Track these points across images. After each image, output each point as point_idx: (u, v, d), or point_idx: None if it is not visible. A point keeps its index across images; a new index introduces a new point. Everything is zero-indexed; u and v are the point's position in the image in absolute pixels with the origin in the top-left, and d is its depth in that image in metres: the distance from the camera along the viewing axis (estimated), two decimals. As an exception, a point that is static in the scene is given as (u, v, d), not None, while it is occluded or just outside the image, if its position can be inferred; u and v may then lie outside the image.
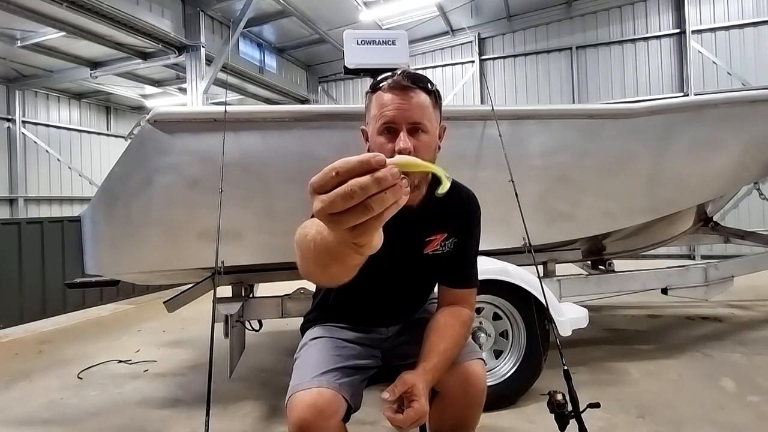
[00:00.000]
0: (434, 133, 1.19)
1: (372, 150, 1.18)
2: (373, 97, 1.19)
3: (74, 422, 2.48)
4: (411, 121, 1.13)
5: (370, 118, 1.20)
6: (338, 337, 1.37)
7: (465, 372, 1.25)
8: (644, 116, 2.72)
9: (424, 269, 1.33)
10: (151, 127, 2.20)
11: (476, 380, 1.26)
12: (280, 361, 3.30)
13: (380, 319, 1.44)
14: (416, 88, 1.15)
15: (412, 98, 1.14)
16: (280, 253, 2.28)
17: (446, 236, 1.30)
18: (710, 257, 7.01)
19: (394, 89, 1.14)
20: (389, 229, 0.73)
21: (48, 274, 4.94)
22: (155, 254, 2.30)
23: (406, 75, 1.16)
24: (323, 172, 0.55)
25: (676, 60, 8.27)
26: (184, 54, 7.20)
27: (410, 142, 1.11)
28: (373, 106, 1.18)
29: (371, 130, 1.19)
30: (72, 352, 3.72)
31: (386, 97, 1.14)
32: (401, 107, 1.13)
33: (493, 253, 2.56)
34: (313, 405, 1.08)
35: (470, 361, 1.27)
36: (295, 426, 1.07)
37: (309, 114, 2.39)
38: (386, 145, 1.13)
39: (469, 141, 2.47)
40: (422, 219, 1.25)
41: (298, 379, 1.17)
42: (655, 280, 2.97)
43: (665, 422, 2.19)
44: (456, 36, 9.58)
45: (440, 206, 1.24)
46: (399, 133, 1.12)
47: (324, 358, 1.24)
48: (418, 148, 1.12)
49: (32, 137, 9.70)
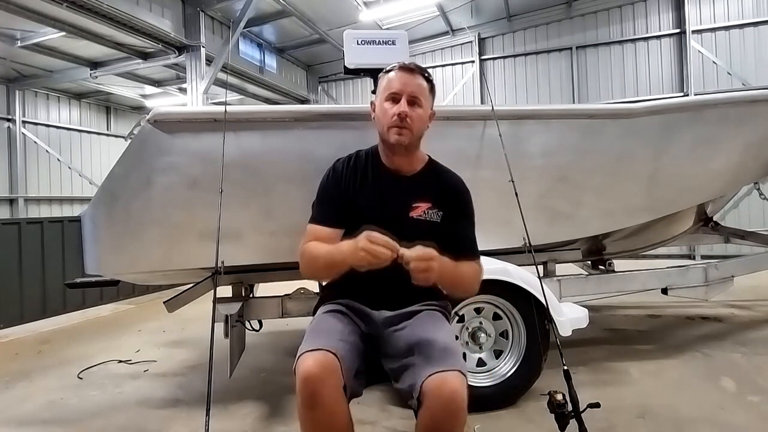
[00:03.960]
0: (426, 111, 1.53)
1: (378, 116, 1.53)
2: (386, 76, 1.54)
3: (74, 422, 2.48)
4: (411, 94, 1.48)
5: (379, 92, 1.55)
6: (346, 312, 1.49)
7: (438, 382, 1.21)
8: (644, 116, 2.71)
9: (411, 233, 1.42)
10: (151, 127, 2.19)
11: (449, 392, 1.20)
12: (280, 361, 3.30)
13: (381, 296, 1.50)
14: (418, 73, 1.52)
15: (415, 78, 1.50)
16: (280, 253, 2.28)
17: (430, 206, 1.52)
18: (710, 257, 7.00)
19: (402, 69, 1.51)
20: (388, 188, 1.52)
21: (48, 274, 4.95)
22: (155, 254, 2.29)
23: (413, 63, 1.55)
24: (383, 242, 1.26)
25: (676, 60, 8.27)
26: (184, 54, 7.20)
27: (407, 108, 1.46)
28: (384, 82, 1.53)
29: (379, 100, 1.53)
30: (72, 352, 3.72)
31: (395, 75, 1.51)
32: (406, 82, 1.49)
33: (493, 253, 2.56)
34: (317, 362, 1.22)
35: (442, 372, 1.22)
36: (301, 378, 1.21)
37: (309, 114, 2.39)
38: (390, 109, 1.47)
39: (469, 141, 2.47)
40: (411, 186, 1.54)
41: (306, 343, 1.30)
42: (655, 280, 2.97)
43: (665, 422, 2.19)
44: (456, 36, 9.58)
45: (428, 180, 1.56)
46: (400, 99, 1.47)
47: (331, 327, 1.39)
48: (412, 116, 1.46)
49: (32, 137, 9.71)
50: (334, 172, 1.59)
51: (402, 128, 1.45)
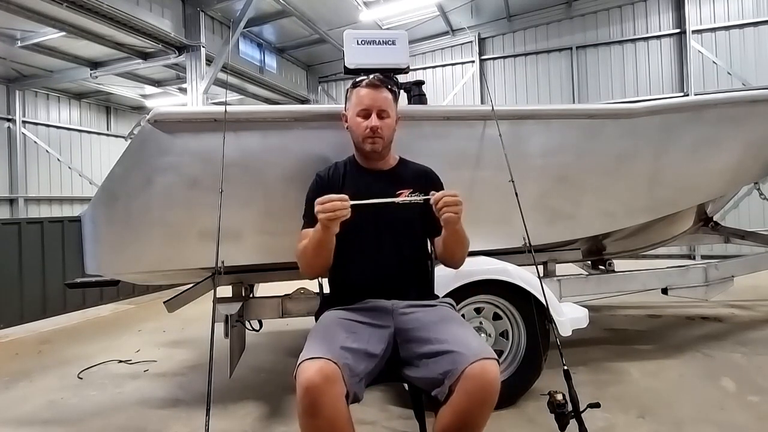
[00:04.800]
0: (393, 119, 1.73)
1: (351, 127, 1.73)
2: (354, 91, 1.73)
3: (74, 422, 2.48)
4: (380, 108, 1.68)
5: (350, 106, 1.74)
6: (349, 318, 1.51)
7: (480, 370, 1.27)
8: (644, 116, 2.71)
9: (399, 215, 1.65)
10: (151, 127, 2.19)
11: (490, 380, 1.28)
12: (280, 361, 3.30)
13: (381, 287, 1.60)
14: (384, 87, 1.70)
15: (381, 93, 1.69)
16: (280, 253, 2.28)
17: (412, 191, 1.67)
18: (710, 257, 7.01)
19: (370, 86, 1.69)
20: (371, 183, 1.71)
21: (48, 274, 4.94)
22: (155, 254, 2.29)
23: (377, 78, 1.71)
24: (328, 198, 1.37)
25: (676, 60, 8.27)
26: (184, 54, 7.20)
27: (377, 122, 1.65)
28: (354, 97, 1.72)
29: (351, 114, 1.72)
30: (72, 352, 3.72)
31: (364, 92, 1.70)
32: (374, 98, 1.68)
33: (493, 253, 2.56)
34: (319, 370, 1.23)
35: (484, 360, 1.29)
36: (302, 387, 1.22)
37: (309, 114, 2.38)
38: (362, 123, 1.67)
39: (469, 141, 2.47)
40: (392, 177, 1.74)
41: (307, 351, 1.32)
42: (655, 280, 2.97)
43: (665, 422, 2.19)
44: (456, 36, 9.57)
45: (404, 172, 1.76)
46: (370, 114, 1.67)
47: (333, 335, 1.41)
48: (382, 127, 1.66)
49: (32, 137, 9.70)
50: (318, 179, 1.76)
51: (375, 138, 1.66)
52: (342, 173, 1.75)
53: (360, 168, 1.76)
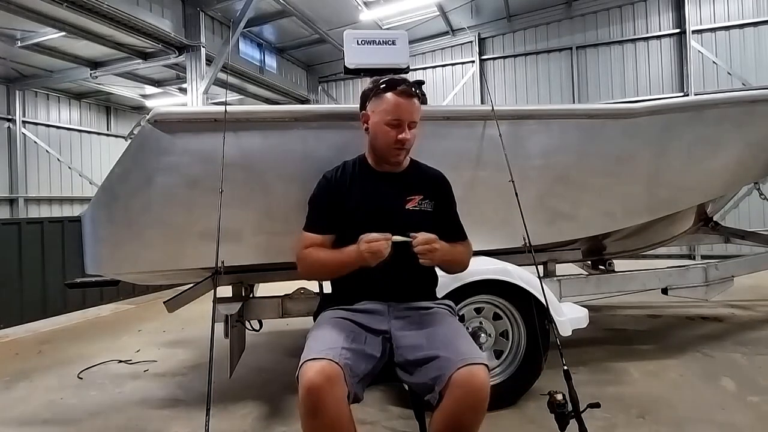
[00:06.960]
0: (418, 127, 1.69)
1: (376, 133, 1.64)
2: (385, 96, 1.61)
3: (74, 422, 2.48)
4: (411, 120, 1.62)
5: (377, 110, 1.63)
6: (348, 318, 1.52)
7: (467, 375, 1.26)
8: (644, 116, 2.71)
9: (407, 222, 1.59)
10: (152, 127, 2.19)
11: (478, 385, 1.27)
12: (280, 361, 3.30)
13: (384, 288, 1.58)
14: (415, 96, 1.63)
15: (414, 104, 1.63)
16: (280, 253, 2.28)
17: (422, 197, 1.68)
18: (710, 257, 7.00)
19: (404, 94, 1.60)
20: (382, 187, 1.68)
21: (48, 274, 4.95)
22: (155, 254, 2.29)
23: (410, 84, 1.64)
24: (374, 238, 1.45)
25: (676, 60, 8.27)
26: (184, 54, 7.20)
27: (408, 134, 1.61)
28: (384, 103, 1.61)
29: (378, 119, 1.62)
30: (72, 352, 3.72)
31: (398, 101, 1.60)
32: (408, 110, 1.61)
33: (493, 253, 2.56)
34: (321, 371, 1.24)
35: (471, 365, 1.28)
36: (304, 388, 1.23)
37: (309, 114, 2.38)
38: (391, 133, 1.60)
39: (469, 141, 2.47)
40: (404, 182, 1.70)
41: (308, 351, 1.32)
42: (655, 280, 2.97)
43: (665, 422, 2.19)
44: (456, 36, 9.58)
45: (416, 176, 1.73)
46: (403, 126, 1.60)
47: (334, 336, 1.41)
48: (411, 139, 1.63)
49: (32, 137, 9.71)
50: (324, 181, 1.72)
51: (403, 150, 1.64)
52: (350, 175, 1.70)
53: (370, 170, 1.72)
